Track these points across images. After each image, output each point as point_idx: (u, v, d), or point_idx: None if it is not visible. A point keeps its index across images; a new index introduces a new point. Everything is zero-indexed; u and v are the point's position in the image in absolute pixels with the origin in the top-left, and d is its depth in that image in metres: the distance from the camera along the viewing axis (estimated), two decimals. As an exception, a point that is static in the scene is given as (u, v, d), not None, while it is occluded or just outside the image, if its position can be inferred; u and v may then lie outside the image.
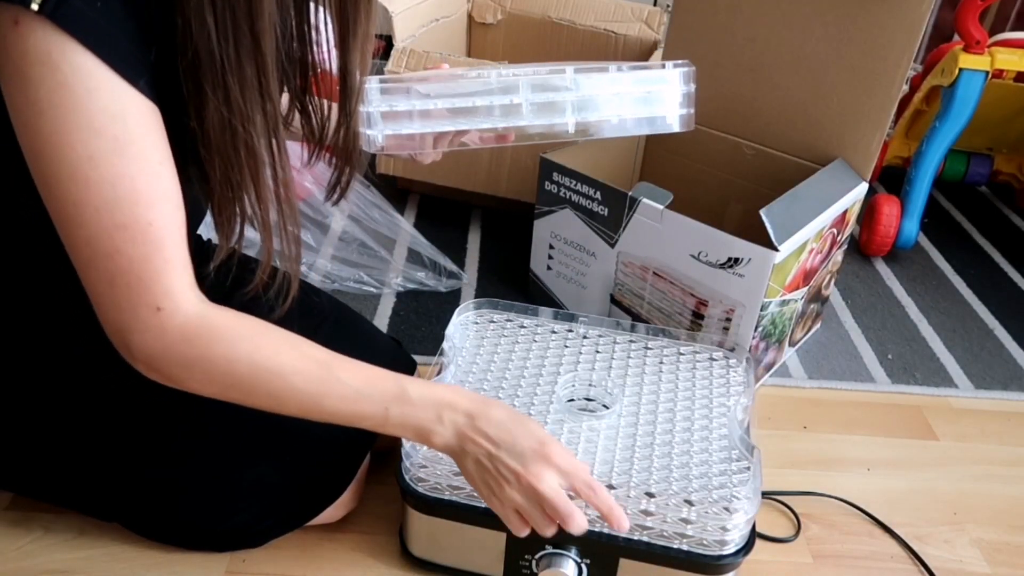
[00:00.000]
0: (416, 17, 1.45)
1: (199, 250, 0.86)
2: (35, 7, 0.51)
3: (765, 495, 0.95)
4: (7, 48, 0.53)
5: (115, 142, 0.56)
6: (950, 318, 1.33)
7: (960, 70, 1.37)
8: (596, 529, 0.74)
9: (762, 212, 0.95)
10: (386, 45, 1.38)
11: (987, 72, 1.37)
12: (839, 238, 1.13)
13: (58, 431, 0.76)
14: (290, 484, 0.80)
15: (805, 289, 1.09)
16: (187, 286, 0.61)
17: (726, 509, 0.72)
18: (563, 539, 0.75)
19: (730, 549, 0.73)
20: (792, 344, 1.19)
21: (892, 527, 0.94)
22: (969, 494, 1.00)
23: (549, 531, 0.67)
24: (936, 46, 1.61)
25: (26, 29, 0.52)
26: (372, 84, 0.71)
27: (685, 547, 0.73)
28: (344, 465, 0.84)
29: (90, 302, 0.62)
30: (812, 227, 1.00)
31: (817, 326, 1.26)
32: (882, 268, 1.45)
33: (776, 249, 0.94)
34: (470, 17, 1.66)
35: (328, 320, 0.92)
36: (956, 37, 1.45)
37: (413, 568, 0.84)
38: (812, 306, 1.18)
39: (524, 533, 0.68)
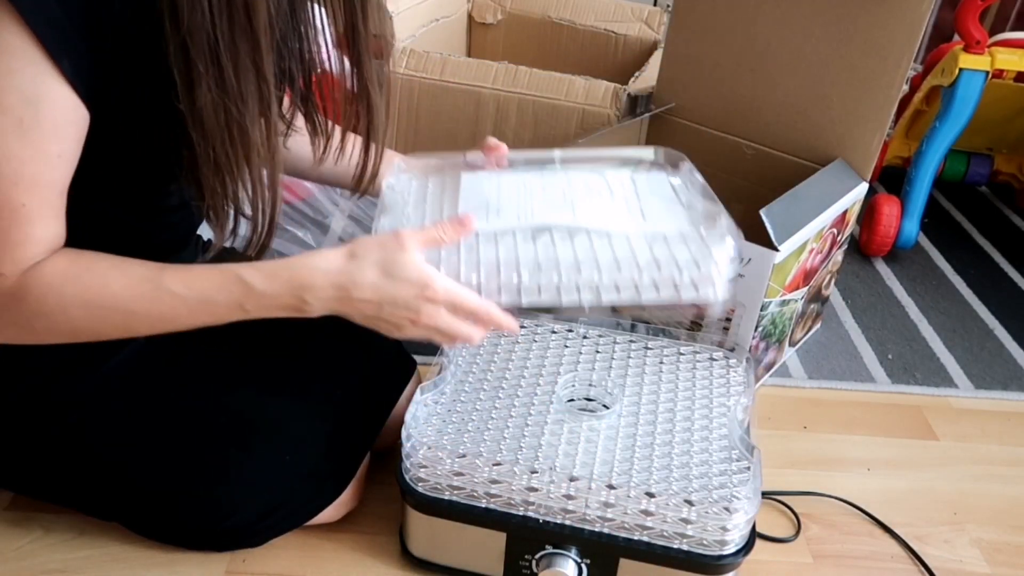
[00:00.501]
0: (416, 17, 1.45)
1: (197, 250, 0.86)
2: None
3: (765, 495, 0.95)
4: None
5: (19, 124, 0.56)
6: (950, 318, 1.33)
7: (960, 70, 1.37)
8: (596, 529, 0.74)
9: (762, 212, 0.95)
10: (386, 45, 1.38)
11: (987, 72, 1.37)
12: (839, 238, 1.13)
13: (57, 430, 0.76)
14: (290, 484, 0.80)
15: (805, 289, 1.09)
16: (39, 255, 0.61)
17: (726, 509, 0.72)
18: (563, 539, 0.75)
19: (730, 549, 0.73)
20: (792, 344, 1.19)
21: (892, 527, 0.94)
22: (969, 494, 1.00)
23: (459, 343, 0.69)
24: (936, 46, 1.61)
25: None
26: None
27: (685, 547, 0.73)
28: (344, 465, 0.84)
29: None
30: (812, 227, 1.00)
31: (817, 326, 1.26)
32: (882, 268, 1.45)
33: (776, 249, 0.94)
34: (470, 17, 1.66)
35: (327, 321, 0.92)
36: (956, 37, 1.45)
37: (413, 568, 0.84)
38: (812, 306, 1.18)
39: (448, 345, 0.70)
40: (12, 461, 0.79)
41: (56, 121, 0.57)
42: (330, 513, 0.83)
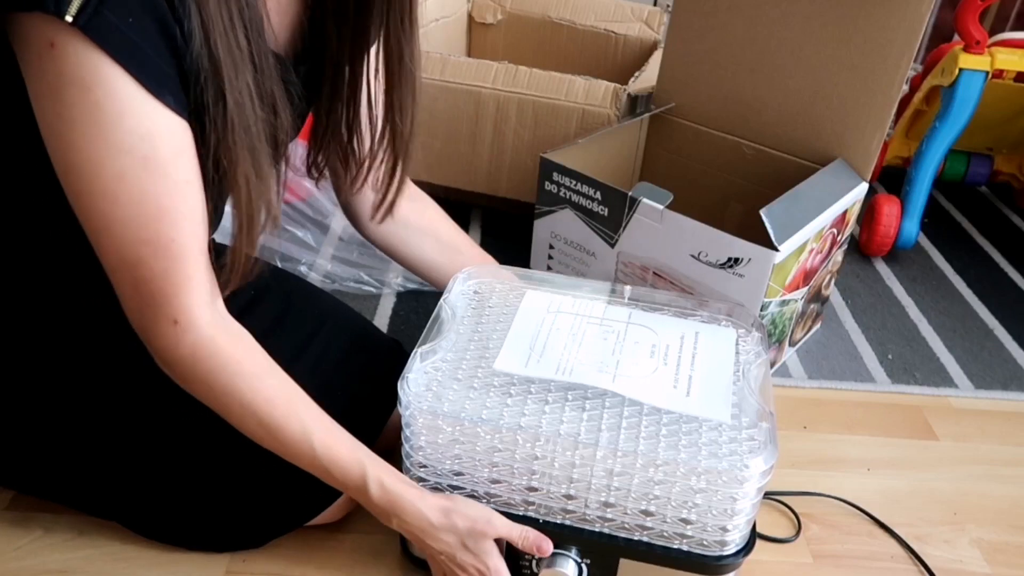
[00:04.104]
0: (416, 17, 1.44)
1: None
2: (69, 18, 0.51)
3: (765, 495, 0.95)
4: (42, 67, 0.54)
5: (143, 161, 0.57)
6: (950, 318, 1.33)
7: (960, 70, 1.37)
8: (596, 529, 0.74)
9: (762, 212, 0.95)
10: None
11: (987, 72, 1.37)
12: (839, 238, 1.13)
13: (59, 428, 0.76)
14: (290, 484, 0.80)
15: (805, 289, 1.09)
16: (205, 303, 0.64)
17: (726, 509, 0.72)
18: (563, 539, 0.75)
19: (730, 549, 0.73)
20: (792, 344, 1.19)
21: (892, 527, 0.94)
22: (969, 494, 1.00)
23: None
24: (936, 46, 1.61)
25: (61, 51, 0.53)
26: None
27: (685, 547, 0.73)
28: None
29: (91, 303, 0.62)
30: (812, 227, 1.00)
31: (817, 326, 1.26)
32: (882, 268, 1.45)
33: (776, 249, 0.94)
34: (470, 17, 1.66)
35: (328, 321, 0.92)
36: (956, 37, 1.45)
37: (413, 568, 0.84)
38: (812, 306, 1.18)
39: None
40: (14, 459, 0.79)
41: (174, 150, 0.59)
42: (330, 513, 0.83)
